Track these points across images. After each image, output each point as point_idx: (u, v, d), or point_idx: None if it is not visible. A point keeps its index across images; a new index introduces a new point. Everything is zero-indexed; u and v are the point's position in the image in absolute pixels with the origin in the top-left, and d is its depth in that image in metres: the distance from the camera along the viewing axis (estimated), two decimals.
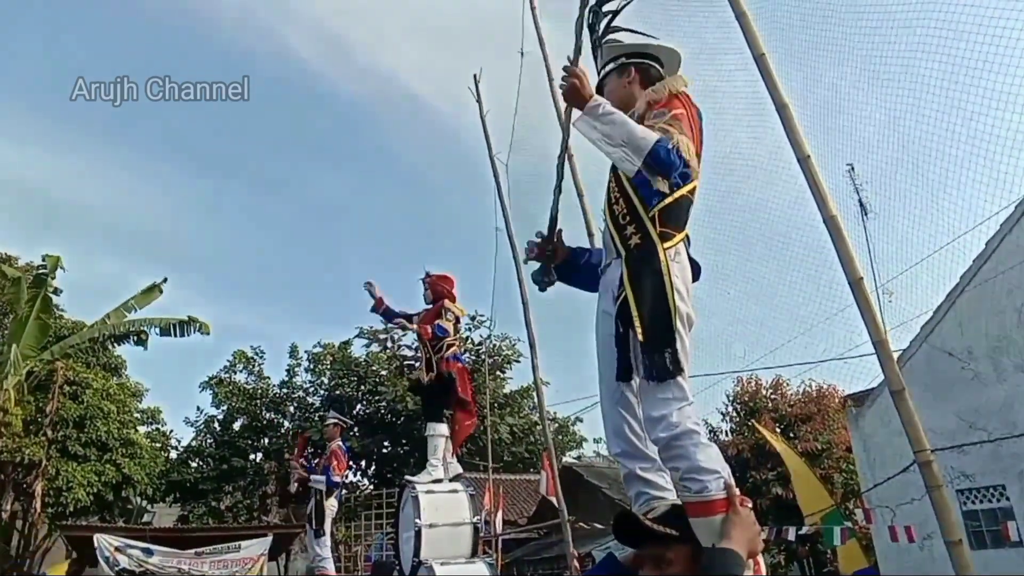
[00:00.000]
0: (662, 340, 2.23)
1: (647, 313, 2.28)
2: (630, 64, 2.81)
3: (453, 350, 6.96)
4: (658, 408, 2.21)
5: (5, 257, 22.18)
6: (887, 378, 5.37)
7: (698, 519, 2.01)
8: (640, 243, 2.43)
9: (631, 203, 2.51)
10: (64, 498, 17.22)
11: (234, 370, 24.42)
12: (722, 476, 2.09)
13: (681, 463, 2.13)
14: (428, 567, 5.99)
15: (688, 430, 2.15)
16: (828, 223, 5.56)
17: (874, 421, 9.59)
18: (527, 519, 20.72)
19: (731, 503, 2.01)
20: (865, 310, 5.36)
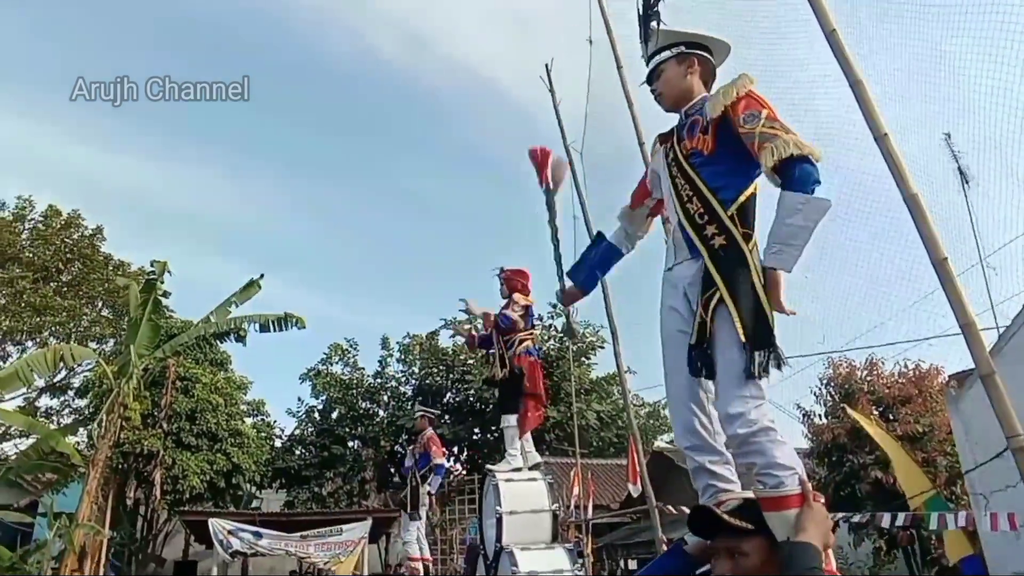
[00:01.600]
0: (764, 340, 2.28)
1: (747, 315, 2.31)
2: (691, 54, 2.75)
3: (526, 344, 7.11)
4: (736, 406, 2.26)
5: (119, 263, 23.95)
6: (976, 361, 5.19)
7: (773, 513, 2.07)
8: (726, 244, 2.44)
9: (707, 203, 2.52)
10: (180, 485, 18.53)
11: (330, 362, 25.57)
12: (796, 472, 2.14)
13: (758, 459, 2.19)
14: (509, 552, 6.20)
15: (765, 427, 2.22)
16: (908, 202, 5.37)
17: (974, 402, 9.12)
18: (619, 504, 20.75)
19: (805, 498, 2.07)
20: (951, 291, 5.18)
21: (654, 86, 2.82)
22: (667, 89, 2.76)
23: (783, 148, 2.31)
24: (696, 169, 2.58)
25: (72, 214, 23.11)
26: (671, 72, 2.75)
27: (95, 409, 18.63)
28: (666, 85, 2.75)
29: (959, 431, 9.99)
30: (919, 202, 5.35)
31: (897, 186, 5.43)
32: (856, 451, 13.93)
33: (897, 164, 5.44)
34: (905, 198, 5.39)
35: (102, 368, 17.49)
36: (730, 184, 2.51)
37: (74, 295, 22.85)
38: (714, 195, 2.50)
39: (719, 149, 2.54)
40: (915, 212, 5.35)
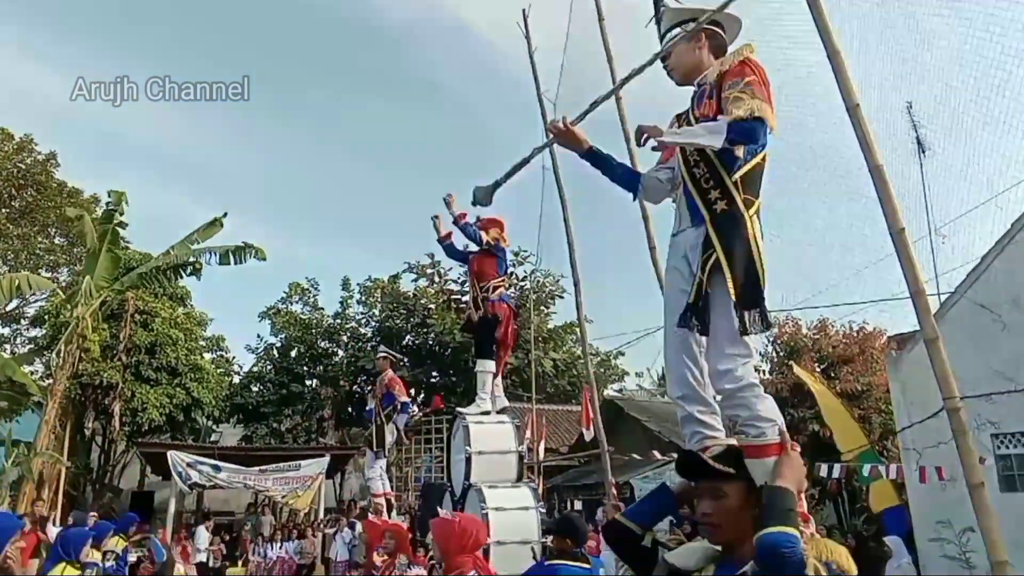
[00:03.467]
0: (752, 299, 2.44)
1: (740, 275, 2.46)
2: (699, 29, 2.81)
3: (500, 291, 7.34)
4: (725, 363, 2.45)
5: (72, 191, 23.25)
6: (922, 327, 5.59)
7: (754, 460, 2.25)
8: (727, 208, 2.55)
9: (713, 167, 2.60)
10: (139, 418, 18.53)
11: (290, 301, 25.51)
12: (777, 424, 2.34)
13: (743, 412, 2.39)
14: (477, 489, 6.54)
15: (750, 383, 2.41)
16: (873, 172, 5.67)
17: (913, 365, 9.72)
18: (568, 448, 21.45)
19: (784, 447, 2.25)
20: (905, 260, 5.55)
21: (666, 63, 2.92)
22: (677, 65, 2.87)
23: (740, 109, 2.45)
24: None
25: (24, 138, 22.26)
26: (681, 48, 2.85)
27: (51, 339, 18.37)
28: (676, 61, 2.86)
29: (896, 391, 10.62)
30: (883, 173, 5.65)
31: (864, 156, 5.74)
32: (797, 406, 14.65)
33: (866, 135, 5.72)
34: (870, 168, 5.69)
35: (59, 298, 17.24)
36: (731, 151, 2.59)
37: (27, 222, 22.22)
38: (719, 159, 2.61)
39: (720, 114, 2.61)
40: (879, 183, 5.66)
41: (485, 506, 6.26)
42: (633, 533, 2.39)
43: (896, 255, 5.65)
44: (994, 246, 9.25)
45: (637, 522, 2.41)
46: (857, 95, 5.80)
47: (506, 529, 6.15)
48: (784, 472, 2.12)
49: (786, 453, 2.23)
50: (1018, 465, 8.80)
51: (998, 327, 8.88)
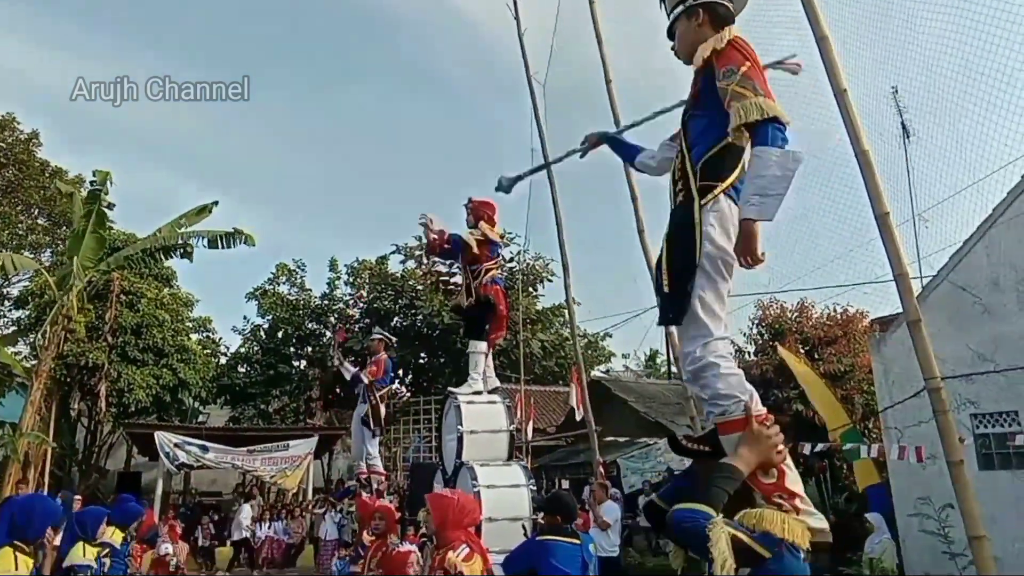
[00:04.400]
0: (680, 291, 2.49)
1: (673, 266, 2.53)
2: (697, 5, 2.75)
3: (492, 274, 7.40)
4: (687, 345, 2.51)
5: (56, 170, 22.96)
6: (905, 309, 5.71)
7: (722, 437, 2.37)
8: (683, 200, 2.60)
9: (684, 160, 2.64)
10: (126, 399, 18.46)
11: (277, 282, 25.44)
12: (741, 400, 2.37)
13: (706, 392, 2.45)
14: (469, 467, 6.63)
15: (709, 363, 2.43)
16: (859, 158, 5.76)
17: (896, 347, 9.89)
18: (556, 428, 21.64)
19: (748, 422, 2.29)
20: (889, 243, 5.66)
21: (672, 44, 2.91)
22: (681, 45, 2.85)
23: (748, 111, 2.39)
24: (687, 124, 2.74)
25: (6, 116, 21.90)
26: (683, 28, 2.81)
27: (36, 320, 18.23)
28: (680, 42, 2.84)
29: (879, 372, 10.80)
30: (869, 158, 5.74)
31: (850, 141, 5.82)
32: (781, 386, 14.85)
33: (853, 120, 5.80)
34: (857, 153, 5.78)
35: (44, 278, 17.08)
36: (705, 139, 2.62)
37: (8, 201, 21.92)
38: (689, 151, 2.65)
39: (701, 97, 2.66)
40: (864, 167, 5.75)
41: (477, 484, 6.35)
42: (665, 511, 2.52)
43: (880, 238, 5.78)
44: (976, 230, 9.40)
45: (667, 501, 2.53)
46: (845, 81, 5.88)
47: (497, 506, 6.25)
48: (740, 449, 2.21)
49: (749, 428, 2.27)
50: (996, 444, 9.00)
51: (978, 309, 9.05)
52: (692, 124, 2.71)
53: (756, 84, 2.45)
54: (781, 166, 2.32)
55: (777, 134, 2.38)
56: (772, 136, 2.37)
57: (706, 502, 1.97)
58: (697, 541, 1.90)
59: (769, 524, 2.00)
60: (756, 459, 2.20)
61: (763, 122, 2.38)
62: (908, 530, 9.25)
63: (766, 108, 2.38)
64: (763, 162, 2.34)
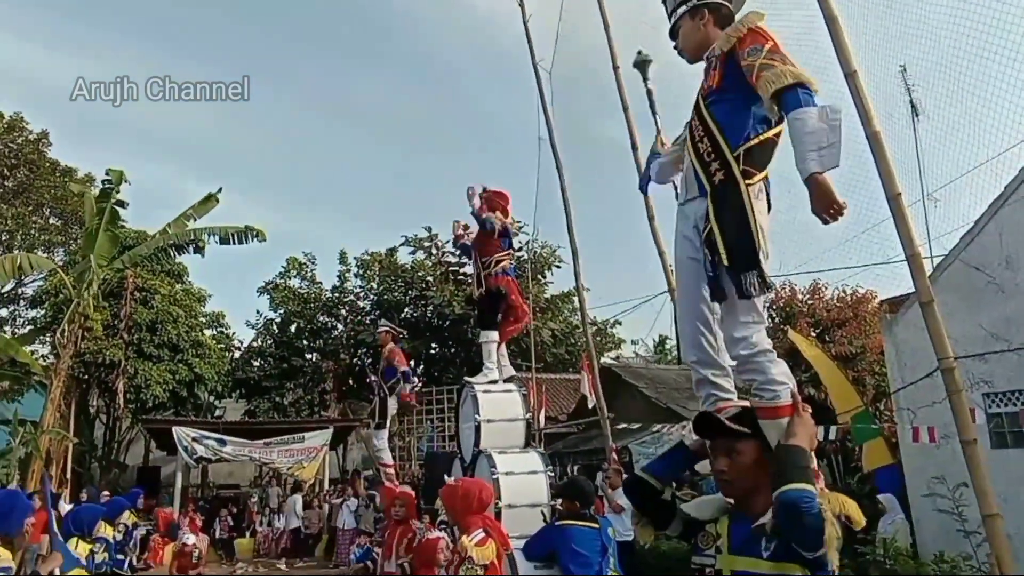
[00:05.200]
0: (747, 263, 2.51)
1: (733, 241, 2.54)
2: (702, 5, 2.84)
3: (503, 265, 7.46)
4: (740, 330, 2.57)
5: (66, 169, 23.15)
6: (917, 289, 5.74)
7: (768, 421, 2.40)
8: (724, 179, 2.61)
9: (715, 141, 2.65)
10: (143, 395, 18.72)
11: (288, 276, 25.58)
12: (789, 387, 2.46)
13: (758, 376, 2.51)
14: (488, 455, 6.73)
15: (764, 349, 2.54)
16: (870, 139, 5.78)
17: (907, 327, 9.89)
18: (567, 415, 21.75)
19: (796, 408, 2.38)
20: (901, 224, 5.68)
21: (675, 43, 2.99)
22: (685, 44, 2.93)
23: (780, 78, 2.43)
24: (709, 108, 2.75)
25: (15, 117, 22.06)
26: (687, 27, 2.89)
27: (52, 319, 18.44)
28: (684, 40, 2.92)
29: (891, 353, 10.80)
30: (880, 139, 5.75)
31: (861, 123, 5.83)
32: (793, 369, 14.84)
33: (863, 102, 5.81)
34: (868, 135, 5.80)
35: (59, 277, 17.27)
36: (737, 122, 2.65)
37: (20, 202, 22.12)
38: (721, 133, 2.66)
39: (725, 83, 2.68)
40: (875, 149, 5.77)
41: (495, 471, 6.45)
42: (652, 487, 2.57)
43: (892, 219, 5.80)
44: (988, 209, 9.39)
45: (656, 476, 2.58)
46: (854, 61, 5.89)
47: (516, 493, 6.34)
48: (797, 432, 2.26)
49: (798, 414, 2.35)
50: (1009, 423, 9.02)
51: (991, 288, 9.05)
52: (716, 108, 2.72)
53: (784, 55, 2.51)
54: (824, 119, 2.34)
55: (808, 97, 2.41)
56: (804, 99, 2.40)
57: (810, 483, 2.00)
58: (814, 522, 1.93)
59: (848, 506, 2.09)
60: (809, 444, 2.26)
61: (792, 88, 2.41)
62: (922, 510, 9.29)
63: (794, 75, 2.43)
64: (805, 122, 2.35)
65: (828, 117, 2.34)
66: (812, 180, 2.32)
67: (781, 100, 2.44)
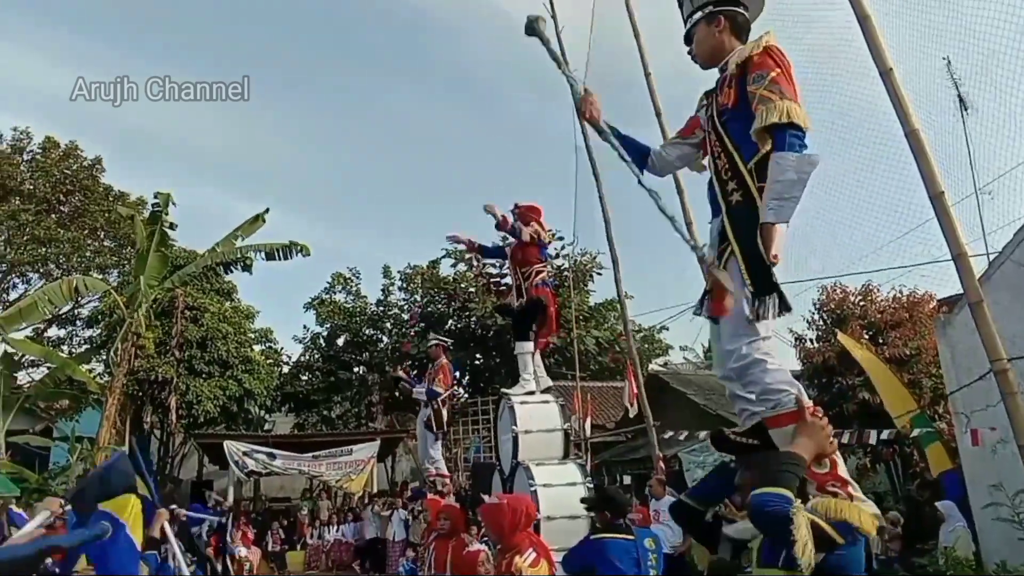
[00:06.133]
0: (766, 286, 2.51)
1: (752, 264, 2.53)
2: (718, 12, 2.83)
3: (541, 276, 7.44)
4: (731, 343, 2.55)
5: (119, 194, 23.97)
6: (966, 289, 5.54)
7: (774, 430, 2.41)
8: (741, 199, 2.61)
9: (731, 158, 2.67)
10: (195, 411, 19.19)
11: (333, 290, 26.00)
12: (791, 393, 2.43)
13: (754, 387, 2.49)
14: (525, 467, 6.69)
15: (755, 359, 2.49)
16: (909, 138, 5.61)
17: (961, 328, 9.53)
18: (615, 423, 21.53)
19: (800, 414, 2.35)
20: (945, 224, 5.49)
21: (690, 48, 2.96)
22: (699, 50, 2.91)
23: (770, 114, 2.46)
24: (724, 125, 2.75)
25: (70, 145, 22.97)
26: (702, 33, 2.88)
27: (107, 338, 19.07)
28: (698, 46, 2.90)
29: (945, 355, 10.42)
30: (919, 137, 5.58)
31: (899, 121, 5.66)
32: (845, 373, 14.48)
33: (900, 99, 5.65)
34: (906, 133, 5.62)
35: (112, 298, 17.86)
36: (749, 140, 2.63)
37: (76, 226, 22.96)
38: (737, 150, 2.66)
39: (740, 102, 2.67)
40: (915, 147, 5.60)
41: (534, 483, 6.41)
42: (696, 510, 2.53)
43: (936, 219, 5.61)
44: None
45: (698, 500, 2.55)
46: (889, 59, 5.72)
47: (555, 505, 6.29)
48: (798, 438, 2.24)
49: (803, 419, 2.32)
50: None
51: None
52: (732, 126, 2.74)
53: (783, 89, 2.53)
54: (797, 170, 2.43)
55: (795, 140, 2.47)
56: (789, 143, 2.46)
57: (783, 486, 1.98)
58: (780, 525, 1.92)
59: (847, 513, 2.04)
60: (815, 449, 2.23)
61: (782, 127, 2.46)
62: (984, 517, 8.91)
63: (788, 112, 2.47)
64: (780, 168, 2.45)
65: (801, 169, 2.43)
66: (762, 227, 2.47)
67: (771, 135, 2.51)
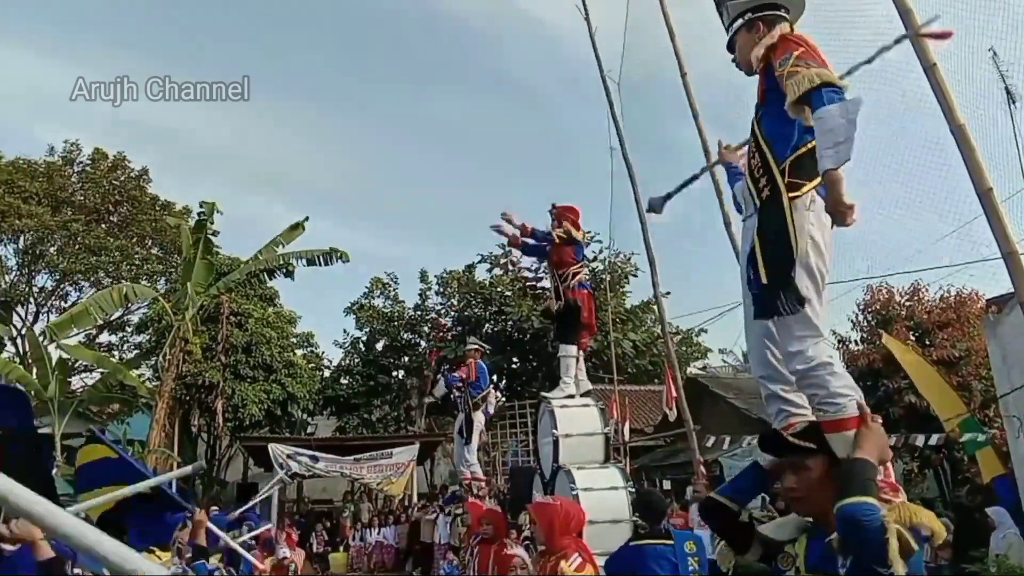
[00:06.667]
0: (780, 281, 2.50)
1: (769, 259, 2.55)
2: (757, 19, 2.84)
3: (579, 278, 7.45)
4: (795, 344, 2.52)
5: (165, 203, 24.65)
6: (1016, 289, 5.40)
7: (834, 435, 2.36)
8: (769, 195, 2.62)
9: (764, 156, 2.68)
10: (240, 414, 19.62)
11: (372, 295, 26.30)
12: (854, 398, 2.41)
13: (819, 391, 2.46)
14: (567, 471, 6.69)
15: (822, 362, 2.47)
16: (955, 133, 5.49)
17: (1012, 328, 9.27)
18: (653, 427, 21.37)
19: (863, 420, 2.32)
20: (994, 221, 5.36)
21: (733, 56, 2.99)
22: (741, 57, 2.92)
23: (800, 83, 2.44)
24: (759, 123, 2.76)
25: (118, 156, 23.72)
26: (742, 40, 2.89)
27: (155, 344, 19.60)
28: (739, 53, 2.92)
29: (996, 356, 10.15)
30: (966, 133, 5.46)
31: (944, 117, 5.55)
32: (891, 376, 14.14)
33: (945, 95, 5.53)
34: (952, 129, 5.51)
35: (161, 305, 18.37)
36: (782, 134, 2.64)
37: (124, 235, 23.69)
38: (769, 147, 2.67)
39: (768, 97, 2.70)
40: (961, 143, 5.47)
41: (575, 487, 6.40)
42: (729, 510, 2.51)
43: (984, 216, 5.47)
44: None
45: (732, 499, 2.53)
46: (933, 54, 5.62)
47: (597, 509, 6.27)
48: (863, 444, 2.20)
49: (866, 425, 2.29)
50: None
51: None
52: (764, 122, 2.75)
53: (809, 61, 2.50)
54: (843, 114, 2.37)
55: (833, 95, 2.42)
56: (827, 98, 2.41)
57: (871, 496, 1.96)
58: (874, 535, 1.90)
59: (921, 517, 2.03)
60: (878, 455, 2.21)
61: (815, 89, 2.43)
62: None
63: (818, 76, 2.44)
64: (825, 120, 2.39)
65: (847, 112, 2.37)
66: (827, 176, 2.37)
67: (809, 103, 2.46)
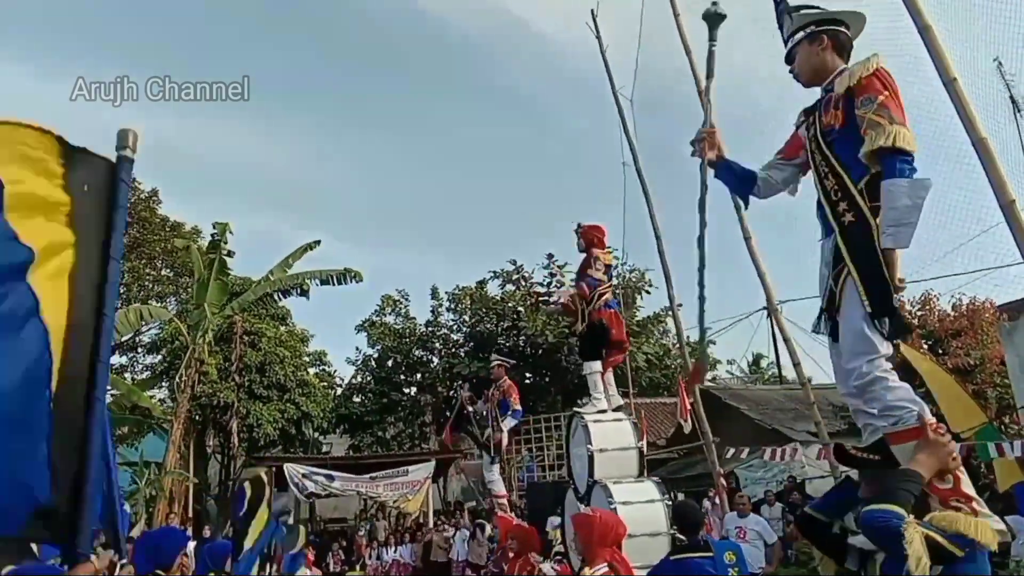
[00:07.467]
0: (886, 308, 2.58)
1: (871, 286, 2.60)
2: (821, 32, 2.91)
3: (605, 299, 7.50)
4: (852, 362, 2.62)
5: (175, 224, 24.77)
6: None
7: (896, 446, 2.47)
8: (854, 220, 2.67)
9: (840, 179, 2.74)
10: (255, 433, 19.68)
11: (384, 313, 26.30)
12: (913, 410, 2.49)
13: (876, 405, 2.56)
14: (603, 486, 6.74)
15: (876, 377, 2.56)
16: (977, 146, 5.60)
17: None
18: (666, 440, 21.36)
19: (923, 431, 2.39)
20: (1018, 232, 5.46)
21: (792, 67, 3.06)
22: (802, 68, 3.00)
23: (879, 138, 2.53)
24: (830, 146, 2.82)
25: None
26: (804, 52, 2.97)
27: (168, 365, 19.67)
28: (800, 65, 2.99)
29: (1013, 363, 10.21)
30: (988, 146, 5.56)
31: (965, 130, 5.66)
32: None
33: (966, 109, 5.65)
34: (974, 142, 5.62)
35: (175, 325, 18.46)
36: (858, 161, 2.69)
37: (135, 256, 23.75)
38: (846, 171, 2.73)
39: (848, 124, 2.74)
40: (983, 156, 5.58)
41: (613, 501, 6.43)
42: (822, 523, 2.61)
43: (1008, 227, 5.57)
44: None
45: (825, 513, 2.64)
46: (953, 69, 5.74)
47: (636, 522, 6.28)
48: (918, 455, 2.29)
49: (926, 436, 2.36)
50: None
51: None
52: (839, 147, 2.80)
53: (892, 113, 2.59)
54: (911, 195, 2.48)
55: (904, 166, 2.53)
56: (900, 168, 2.52)
57: (895, 503, 2.05)
58: (890, 540, 1.99)
59: (963, 526, 2.08)
60: (935, 465, 2.28)
61: (891, 153, 2.52)
62: None
63: (896, 136, 2.53)
64: (893, 195, 2.51)
65: (916, 195, 2.49)
66: (884, 253, 2.57)
67: (880, 160, 2.58)
